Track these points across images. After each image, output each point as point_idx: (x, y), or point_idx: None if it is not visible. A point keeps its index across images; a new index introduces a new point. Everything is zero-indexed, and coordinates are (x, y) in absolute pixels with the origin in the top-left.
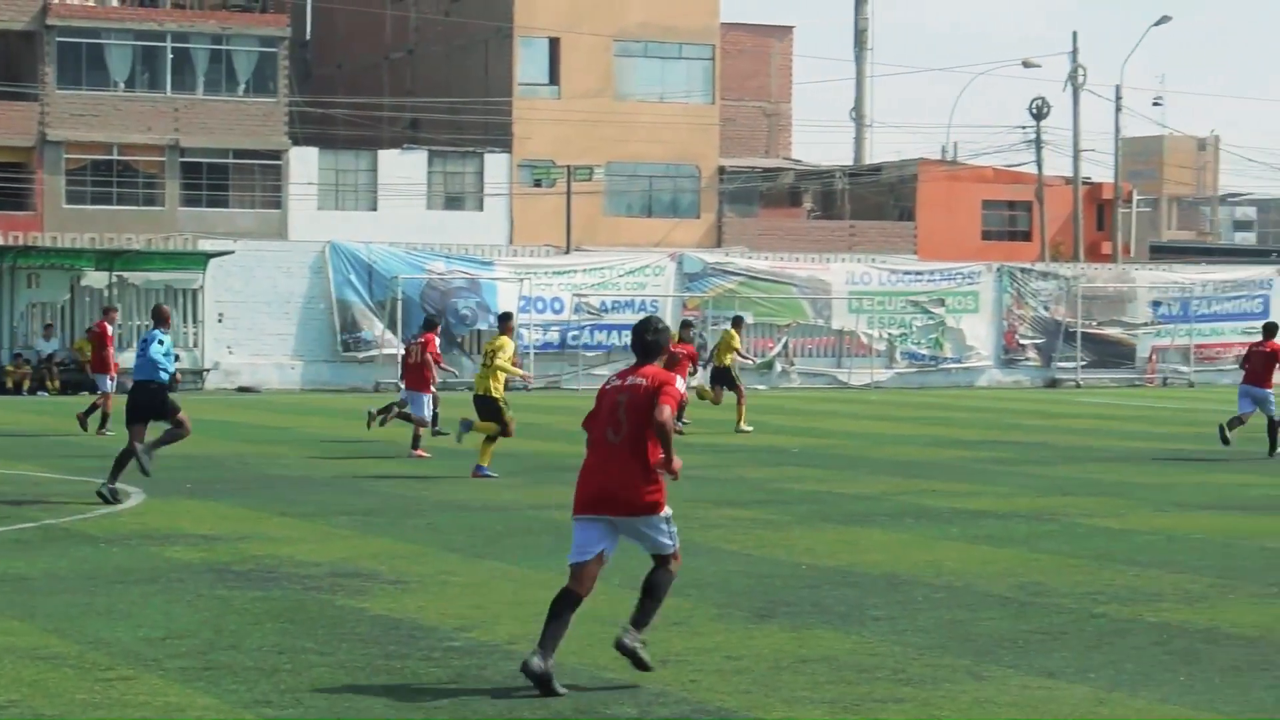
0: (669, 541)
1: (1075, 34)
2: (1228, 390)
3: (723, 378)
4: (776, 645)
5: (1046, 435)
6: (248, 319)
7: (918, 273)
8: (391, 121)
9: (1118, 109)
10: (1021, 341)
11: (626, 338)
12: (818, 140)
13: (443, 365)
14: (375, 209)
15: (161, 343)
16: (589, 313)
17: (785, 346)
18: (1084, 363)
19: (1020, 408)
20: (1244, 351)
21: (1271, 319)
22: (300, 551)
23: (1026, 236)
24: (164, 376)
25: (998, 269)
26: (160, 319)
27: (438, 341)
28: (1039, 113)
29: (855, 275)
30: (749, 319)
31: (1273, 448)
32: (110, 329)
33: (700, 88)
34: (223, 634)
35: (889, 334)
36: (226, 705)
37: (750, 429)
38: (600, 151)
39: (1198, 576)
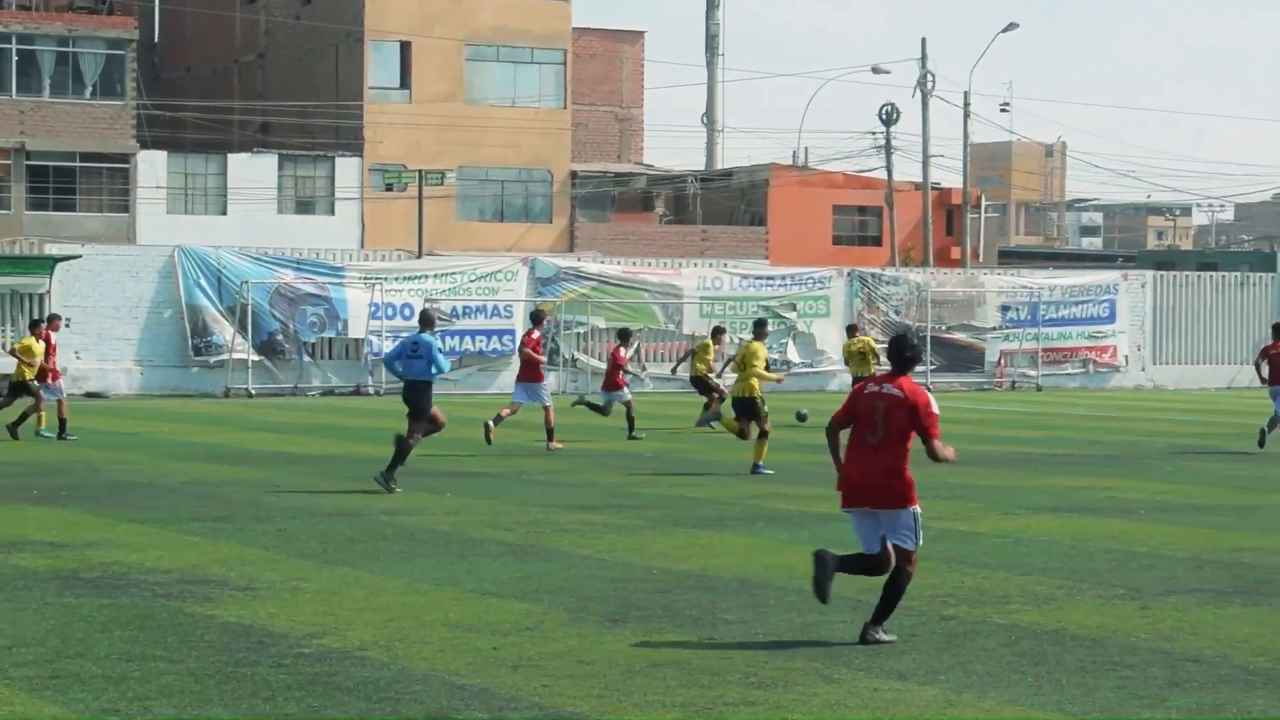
0: (910, 539)
1: (924, 40)
2: (1075, 394)
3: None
4: (629, 650)
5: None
6: (95, 324)
7: (769, 278)
8: (242, 125)
9: (966, 115)
10: (875, 346)
11: (481, 343)
12: (670, 145)
13: (627, 368)
14: (225, 213)
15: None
16: (440, 318)
17: (638, 351)
18: (934, 366)
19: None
20: (1260, 357)
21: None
22: (149, 558)
23: (877, 241)
24: (435, 373)
25: (848, 274)
26: (429, 323)
27: (536, 335)
28: (889, 118)
29: (707, 280)
30: (601, 324)
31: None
32: (54, 337)
33: (552, 92)
34: (70, 642)
35: (740, 339)
36: (74, 714)
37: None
38: (452, 156)
39: (1045, 578)
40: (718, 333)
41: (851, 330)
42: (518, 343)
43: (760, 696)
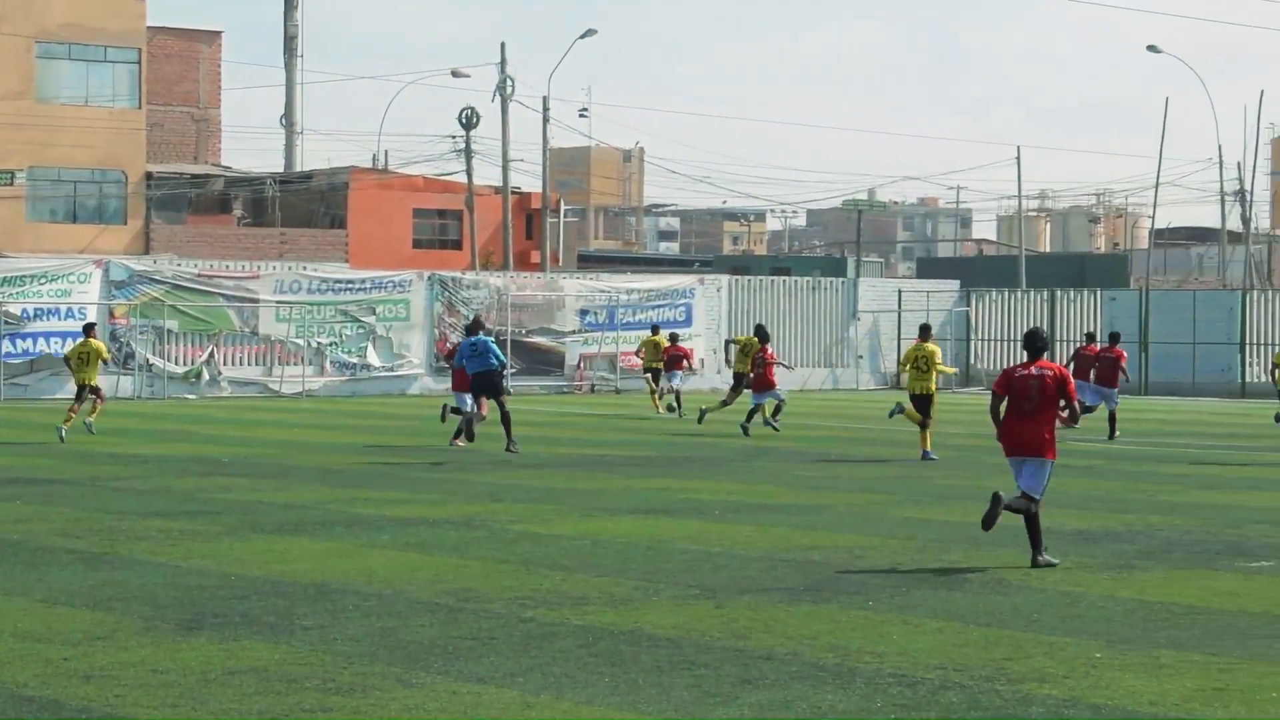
0: (1040, 486)
1: (504, 45)
2: (651, 397)
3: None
4: (204, 657)
5: (475, 442)
6: None
7: (349, 281)
8: None
9: (545, 119)
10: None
11: (55, 345)
12: (248, 147)
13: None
14: None
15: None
16: (9, 321)
17: (213, 355)
18: (514, 370)
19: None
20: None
21: None
22: None
23: (457, 245)
24: (496, 364)
25: (429, 277)
26: (480, 326)
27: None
28: (469, 123)
29: (285, 283)
30: (175, 327)
31: None
32: None
33: (126, 91)
34: None
35: (319, 342)
36: None
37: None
38: (22, 155)
39: (622, 579)
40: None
41: (924, 332)
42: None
43: (338, 703)
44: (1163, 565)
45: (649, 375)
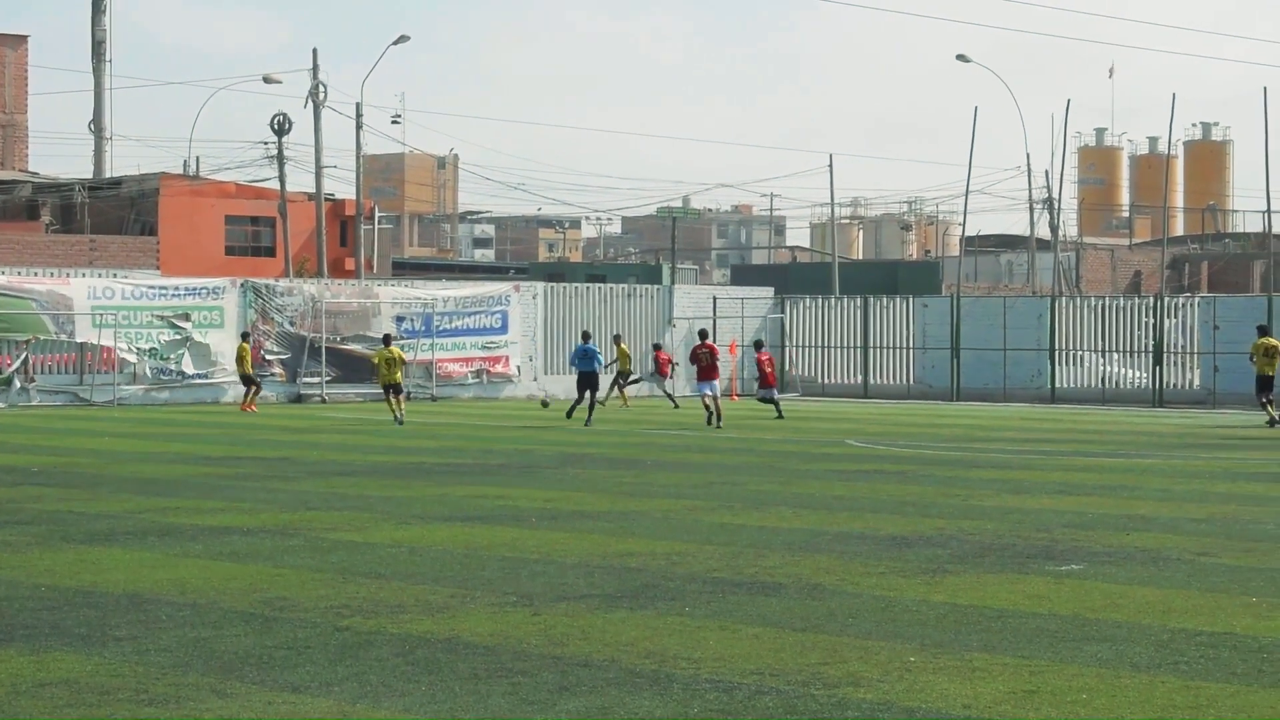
0: None
1: (316, 50)
2: (469, 404)
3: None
4: (14, 670)
5: (290, 450)
6: None
7: (163, 288)
8: None
9: (359, 126)
10: (268, 357)
11: None
12: (56, 153)
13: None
14: None
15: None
16: None
17: (25, 363)
18: (329, 378)
19: (266, 423)
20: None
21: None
22: None
23: (271, 252)
24: (596, 366)
25: (242, 284)
26: (588, 336)
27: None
28: (281, 128)
29: (98, 290)
30: None
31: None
32: None
33: None
34: None
35: (136, 349)
36: None
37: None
38: None
39: (438, 587)
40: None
41: (1262, 331)
42: None
43: (151, 714)
44: (975, 569)
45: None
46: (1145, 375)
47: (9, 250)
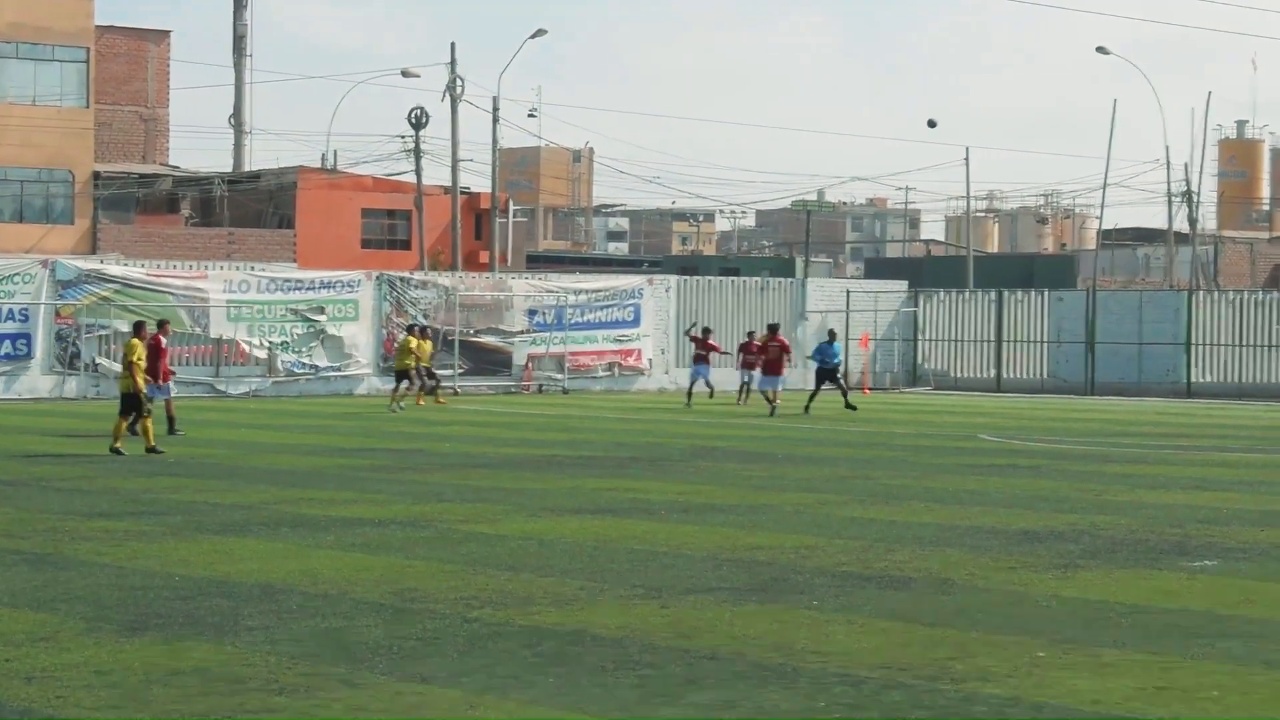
0: None
1: (454, 45)
2: (601, 397)
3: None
4: (148, 658)
5: (423, 442)
6: None
7: (297, 281)
8: None
9: (495, 120)
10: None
11: (6, 348)
12: (196, 146)
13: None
14: None
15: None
16: None
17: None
18: (462, 370)
19: (399, 415)
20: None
21: None
22: None
23: (406, 245)
24: (835, 361)
25: (377, 277)
26: (834, 336)
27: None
28: (418, 122)
29: (234, 283)
30: (124, 327)
31: None
32: (164, 341)
33: (74, 91)
34: None
35: (269, 342)
36: None
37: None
38: None
39: (567, 580)
40: (412, 329)
41: None
42: (35, 345)
43: (282, 703)
44: (1106, 565)
45: (416, 374)
46: None
47: (150, 243)
